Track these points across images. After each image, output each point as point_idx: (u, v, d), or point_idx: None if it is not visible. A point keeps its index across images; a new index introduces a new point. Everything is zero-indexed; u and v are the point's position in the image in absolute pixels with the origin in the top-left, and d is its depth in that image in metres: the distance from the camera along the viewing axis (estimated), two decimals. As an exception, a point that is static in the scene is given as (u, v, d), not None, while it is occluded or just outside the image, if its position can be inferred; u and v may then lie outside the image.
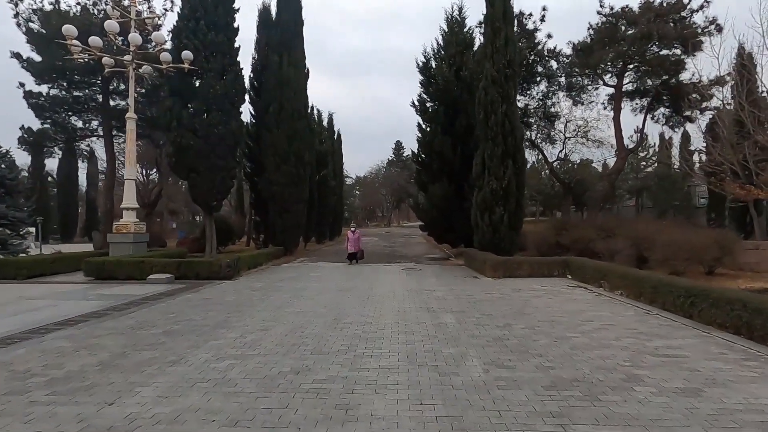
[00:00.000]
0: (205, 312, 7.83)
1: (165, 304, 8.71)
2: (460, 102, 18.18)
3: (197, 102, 17.36)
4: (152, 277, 11.91)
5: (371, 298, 9.18)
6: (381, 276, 12.99)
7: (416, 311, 7.77)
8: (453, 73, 18.29)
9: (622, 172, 26.96)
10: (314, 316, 7.43)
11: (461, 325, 6.65)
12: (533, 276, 12.27)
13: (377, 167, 70.25)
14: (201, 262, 12.61)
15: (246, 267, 14.15)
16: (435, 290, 10.18)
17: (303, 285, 11.16)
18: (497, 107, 14.01)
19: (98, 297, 9.53)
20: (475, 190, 14.92)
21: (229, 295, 9.65)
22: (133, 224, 15.48)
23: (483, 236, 14.29)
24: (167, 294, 9.96)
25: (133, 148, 16.25)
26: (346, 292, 9.93)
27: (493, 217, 13.98)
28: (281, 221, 19.27)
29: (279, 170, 18.92)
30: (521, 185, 14.43)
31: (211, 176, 17.51)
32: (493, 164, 14.00)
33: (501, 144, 13.94)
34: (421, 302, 8.64)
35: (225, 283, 11.62)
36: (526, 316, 7.28)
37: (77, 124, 21.75)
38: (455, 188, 18.21)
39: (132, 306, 8.51)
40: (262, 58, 21.65)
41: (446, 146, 17.94)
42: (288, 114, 19.21)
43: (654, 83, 21.86)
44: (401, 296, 9.37)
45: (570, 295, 9.33)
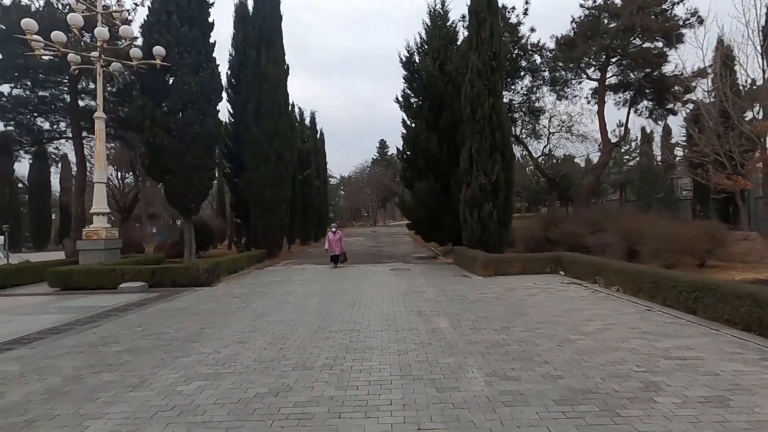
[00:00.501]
0: (177, 323, 7.18)
1: (134, 315, 8.02)
2: (445, 97, 17.76)
3: (171, 100, 16.49)
4: (124, 285, 11.13)
5: (358, 302, 8.65)
6: (368, 277, 12.47)
7: (407, 315, 7.27)
8: (437, 67, 17.87)
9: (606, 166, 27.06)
10: (297, 324, 6.86)
11: (456, 330, 6.18)
12: (525, 273, 11.91)
13: (362, 167, 69.66)
14: (177, 268, 11.88)
15: (226, 272, 13.45)
16: (425, 291, 9.70)
17: (286, 290, 10.55)
18: (484, 100, 13.62)
19: (61, 310, 8.77)
20: (462, 187, 14.52)
21: (206, 303, 9.00)
22: (104, 230, 14.61)
23: (472, 233, 13.89)
24: (138, 304, 9.24)
25: (103, 149, 15.35)
26: (332, 297, 9.37)
27: (482, 214, 13.59)
28: (263, 223, 18.56)
29: (259, 170, 18.21)
30: (510, 180, 14.08)
31: (187, 177, 16.66)
32: (481, 159, 13.61)
33: (489, 138, 13.55)
34: (412, 305, 8.15)
35: (203, 290, 10.93)
36: (523, 317, 6.85)
37: (44, 126, 20.58)
38: (442, 185, 17.80)
39: (97, 319, 7.79)
40: (239, 55, 20.86)
41: (432, 142, 17.51)
42: (268, 111, 18.51)
43: (637, 76, 21.88)
44: (390, 299, 8.87)
45: (566, 293, 8.97)
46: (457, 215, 17.32)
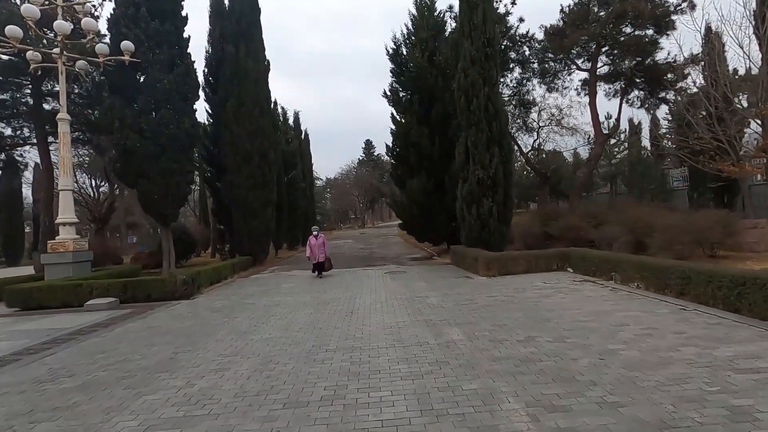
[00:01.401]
0: (147, 347, 6.15)
1: (98, 339, 6.94)
2: (435, 89, 16.95)
3: (143, 99, 15.30)
4: (91, 303, 9.98)
5: (356, 312, 7.72)
6: (363, 282, 11.54)
7: (413, 326, 6.37)
8: (426, 58, 17.05)
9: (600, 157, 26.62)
10: (288, 343, 5.90)
11: (474, 343, 5.31)
12: (530, 272, 11.15)
13: (348, 168, 68.60)
14: (152, 280, 10.77)
15: (207, 282, 12.36)
16: (428, 296, 8.82)
17: (273, 300, 9.55)
18: (479, 90, 12.83)
19: (11, 335, 7.62)
20: (459, 182, 13.70)
21: (182, 320, 7.95)
22: (72, 241, 13.37)
23: (470, 231, 13.08)
24: (105, 324, 8.14)
25: (68, 154, 14.08)
26: (325, 307, 8.42)
27: (481, 210, 12.80)
28: (247, 228, 17.47)
29: (241, 171, 17.12)
30: (509, 174, 13.32)
31: (163, 182, 15.49)
32: (477, 152, 12.81)
33: (485, 129, 12.77)
34: (416, 313, 7.26)
35: (180, 304, 9.85)
36: (546, 324, 6.02)
37: (5, 132, 19.10)
38: (435, 182, 16.98)
39: (53, 345, 6.70)
40: (216, 52, 19.71)
41: (423, 137, 16.68)
42: (248, 109, 17.44)
43: (629, 65, 21.42)
44: (391, 307, 7.96)
45: (582, 292, 8.19)
46: (452, 213, 16.54)
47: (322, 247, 13.18)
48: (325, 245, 13.29)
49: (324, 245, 13.25)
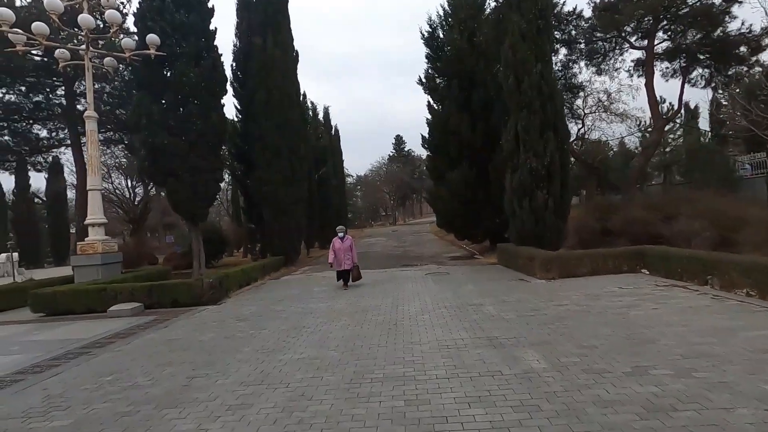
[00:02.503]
0: (161, 367, 5.25)
1: (111, 354, 6.14)
2: (476, 73, 15.54)
3: (170, 94, 14.81)
4: (114, 309, 9.36)
5: (400, 324, 6.58)
6: (402, 286, 10.39)
7: (475, 346, 5.16)
8: (466, 40, 15.64)
9: (659, 144, 24.24)
10: (323, 367, 4.83)
11: (564, 376, 4.05)
12: (597, 273, 9.64)
13: (378, 164, 67.57)
14: (178, 285, 10.06)
15: (236, 285, 11.59)
16: (482, 304, 7.56)
17: (306, 307, 8.56)
18: (531, 67, 11.36)
19: (25, 347, 6.98)
20: (507, 173, 12.29)
21: (205, 332, 7.07)
22: (101, 243, 12.96)
23: (522, 227, 11.65)
24: (124, 334, 7.40)
25: (96, 152, 13.69)
26: (363, 316, 7.33)
27: (534, 203, 11.35)
28: (278, 226, 16.70)
29: (270, 167, 16.35)
30: (566, 162, 11.80)
31: (192, 180, 14.96)
32: (529, 138, 11.36)
33: (539, 112, 11.29)
34: (474, 327, 6.03)
35: (206, 311, 9.05)
36: (650, 347, 4.66)
37: (41, 134, 19.25)
38: (477, 173, 15.59)
39: (63, 362, 5.95)
40: (244, 45, 19.06)
41: (464, 124, 15.31)
42: (277, 101, 16.63)
43: (693, 40, 19.11)
44: (441, 317, 6.77)
45: (678, 301, 6.69)
46: (496, 207, 15.12)
47: (349, 251, 10.71)
48: (352, 249, 10.79)
49: (351, 249, 10.76)
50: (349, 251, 10.76)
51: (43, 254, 37.17)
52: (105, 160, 28.00)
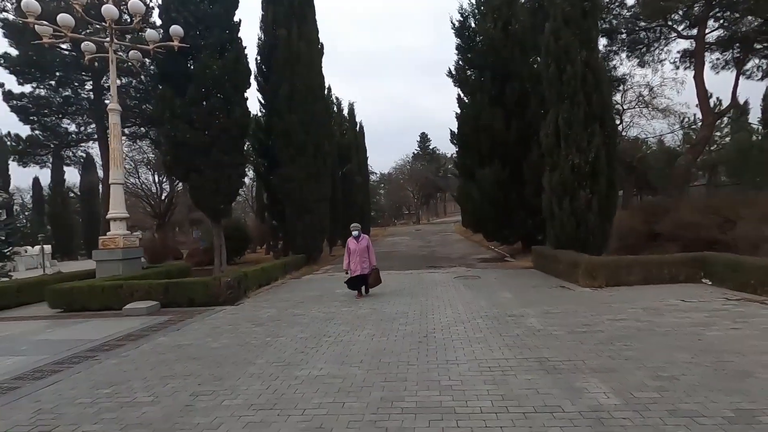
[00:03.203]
0: (164, 380, 4.70)
1: (116, 361, 5.65)
2: (510, 64, 14.58)
3: (193, 88, 14.49)
4: (129, 307, 8.99)
5: (431, 336, 5.84)
6: (431, 290, 9.63)
7: (523, 370, 4.37)
8: (500, 28, 14.69)
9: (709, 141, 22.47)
10: (345, 390, 4.15)
11: (645, 418, 3.22)
12: (650, 282, 8.63)
13: (402, 162, 66.70)
14: (195, 283, 9.62)
15: (255, 285, 11.11)
16: (524, 315, 6.73)
17: (327, 312, 7.93)
18: (575, 55, 10.37)
19: (33, 347, 6.61)
20: (545, 170, 11.33)
21: (218, 337, 6.53)
22: (122, 238, 12.75)
23: (561, 229, 10.69)
24: (135, 336, 6.95)
25: (119, 146, 13.50)
26: (390, 325, 6.63)
27: (577, 204, 10.37)
28: (301, 224, 16.21)
29: (294, 163, 15.86)
30: (613, 158, 10.73)
31: (214, 175, 14.65)
32: (572, 132, 10.38)
33: (583, 104, 10.30)
34: (519, 344, 5.23)
35: (223, 312, 8.55)
36: (749, 381, 3.76)
37: (69, 128, 19.43)
38: (510, 171, 14.64)
39: (66, 367, 5.50)
40: (269, 39, 18.60)
41: (497, 119, 14.39)
42: (301, 96, 16.12)
43: (749, 27, 17.50)
44: (477, 329, 5.98)
45: (761, 320, 5.68)
46: (530, 207, 14.16)
47: (365, 253, 9.15)
48: (369, 251, 9.22)
49: (368, 251, 9.20)
50: (366, 253, 9.14)
51: (76, 247, 38.25)
52: (133, 156, 28.37)
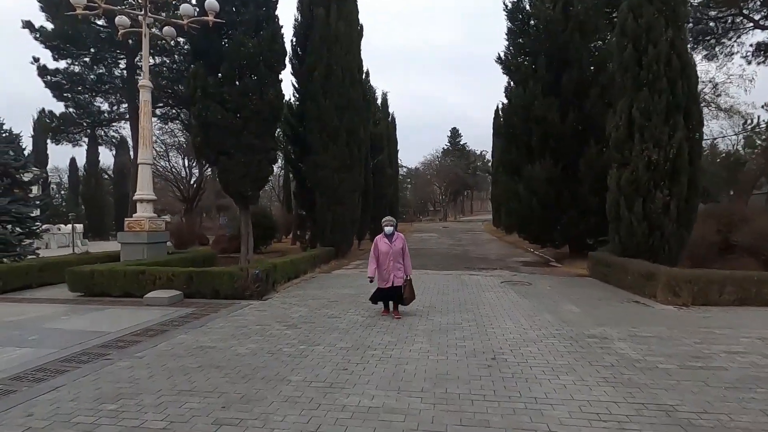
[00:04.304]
0: (180, 399, 3.83)
1: (127, 363, 4.85)
2: (569, 49, 13.19)
3: (226, 66, 13.75)
4: (151, 296, 8.30)
5: (501, 358, 4.78)
6: (479, 296, 8.55)
7: (650, 426, 3.26)
8: (559, 9, 13.30)
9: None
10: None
11: None
12: (748, 304, 7.30)
13: (432, 157, 65.10)
14: (220, 273, 8.85)
15: (284, 278, 10.29)
16: (607, 337, 5.57)
17: (366, 316, 6.98)
18: (658, 35, 9.00)
19: (41, 338, 5.92)
20: (612, 167, 10.01)
21: (244, 340, 5.66)
22: (148, 220, 12.18)
23: (630, 235, 9.40)
24: (153, 332, 6.18)
25: (148, 124, 12.94)
26: (445, 338, 5.60)
27: (651, 206, 9.05)
28: (331, 215, 15.33)
29: (327, 150, 14.97)
30: (697, 156, 9.34)
31: (244, 159, 13.88)
32: (650, 124, 9.03)
33: (666, 91, 8.93)
34: (621, 380, 4.11)
35: (249, 308, 7.73)
36: None
37: (102, 107, 19.17)
38: (563, 168, 13.31)
39: (73, 365, 4.75)
40: (306, 20, 17.75)
41: (552, 110, 13.06)
42: (338, 79, 15.18)
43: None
44: (558, 355, 4.88)
45: None
46: (584, 209, 12.84)
47: (400, 257, 6.80)
48: (405, 255, 6.87)
49: (403, 253, 6.84)
50: (401, 257, 6.78)
51: (108, 227, 38.85)
52: (164, 139, 28.22)
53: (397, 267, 6.76)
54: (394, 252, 6.78)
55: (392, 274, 6.71)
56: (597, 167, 12.41)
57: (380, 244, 6.92)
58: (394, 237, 6.93)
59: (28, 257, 13.49)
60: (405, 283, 6.77)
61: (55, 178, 48.72)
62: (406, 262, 6.89)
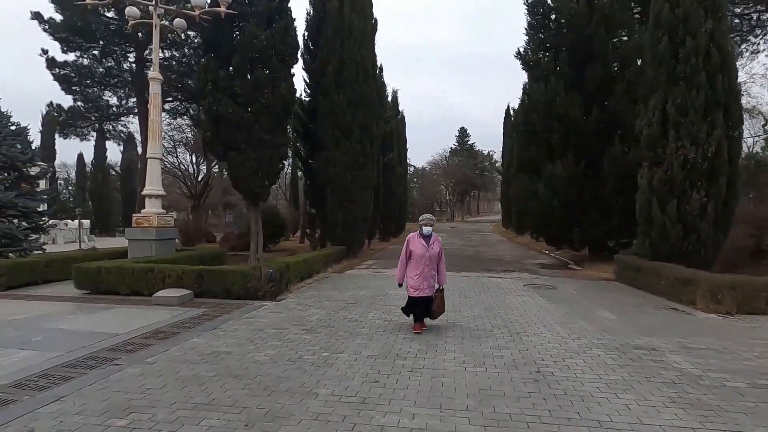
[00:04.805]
0: (197, 414, 3.43)
1: (137, 370, 4.46)
2: (594, 43, 12.69)
3: (238, 58, 13.38)
4: (160, 295, 7.93)
5: (546, 372, 4.34)
6: (503, 300, 8.10)
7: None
8: (584, 3, 12.80)
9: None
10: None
11: None
12: (795, 313, 6.80)
13: (439, 157, 64.58)
14: (232, 272, 8.47)
15: (297, 277, 9.89)
16: (656, 348, 5.11)
17: (388, 319, 6.56)
18: (696, 26, 8.51)
19: (48, 338, 5.54)
20: (643, 167, 9.52)
21: (262, 346, 5.26)
22: (157, 216, 11.83)
23: (663, 238, 8.91)
24: (163, 334, 5.80)
25: (158, 118, 12.57)
26: (478, 346, 5.17)
27: (687, 208, 8.56)
28: (343, 213, 14.92)
29: (339, 146, 14.56)
30: (736, 156, 8.83)
31: (255, 155, 13.52)
32: (687, 120, 8.54)
33: (704, 86, 8.43)
34: (687, 399, 3.66)
35: (264, 309, 7.34)
36: None
37: (111, 101, 18.87)
38: (585, 167, 12.82)
39: (78, 371, 4.37)
40: (317, 13, 17.36)
41: (575, 107, 12.58)
42: (351, 74, 14.77)
43: None
44: (609, 369, 4.43)
45: None
46: (606, 209, 12.36)
47: (435, 262, 5.90)
48: (440, 259, 5.99)
49: (439, 258, 5.96)
50: (437, 262, 5.90)
51: (114, 223, 38.67)
52: (172, 135, 27.96)
53: (431, 274, 5.83)
54: (430, 256, 5.81)
55: (426, 282, 5.76)
56: (622, 166, 11.94)
57: (415, 245, 5.86)
58: (432, 239, 5.90)
59: (34, 252, 13.22)
60: (437, 293, 5.87)
61: (63, 174, 48.73)
62: (441, 268, 5.99)
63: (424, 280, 5.74)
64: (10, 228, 12.96)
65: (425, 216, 6.13)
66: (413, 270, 5.80)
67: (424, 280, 5.75)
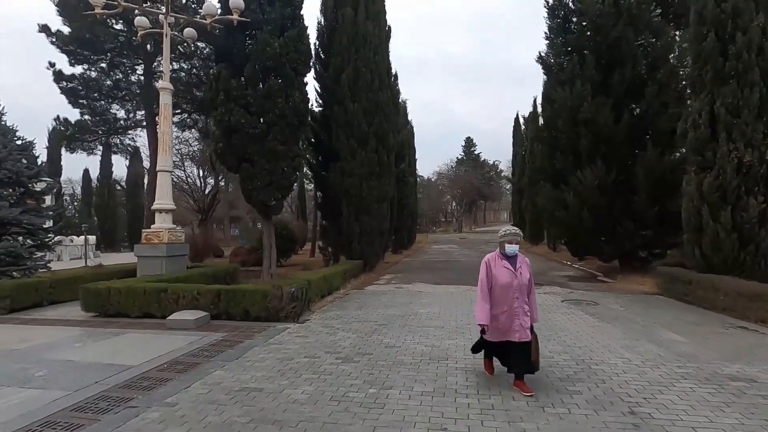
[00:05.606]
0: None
1: (156, 415, 3.80)
2: (621, 45, 12.16)
3: (250, 67, 12.94)
4: (174, 318, 7.28)
5: (641, 413, 3.65)
6: (547, 318, 7.38)
7: None
8: (610, 3, 12.31)
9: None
10: None
11: None
12: None
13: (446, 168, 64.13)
14: (252, 292, 7.82)
15: (318, 295, 9.24)
16: (754, 379, 4.41)
17: (430, 344, 5.88)
18: (747, 20, 7.95)
19: (51, 373, 4.89)
20: (690, 172, 8.87)
21: (297, 379, 4.60)
22: (167, 231, 11.26)
23: (715, 248, 8.22)
24: (182, 366, 5.14)
25: (168, 129, 12.11)
26: (545, 378, 4.48)
27: (742, 216, 7.89)
28: (359, 226, 14.32)
29: (355, 157, 14.03)
30: (795, 158, 8.17)
31: (268, 167, 12.98)
32: (740, 121, 7.92)
33: (758, 84, 7.84)
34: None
35: (287, 333, 6.68)
36: None
37: (118, 114, 18.51)
38: (616, 175, 12.19)
39: (87, 418, 3.71)
40: (329, 21, 17.03)
41: (603, 111, 11.99)
42: (367, 81, 14.32)
43: None
44: (716, 410, 3.74)
45: None
46: (640, 218, 11.69)
47: (526, 290, 4.22)
48: (531, 287, 4.28)
49: (530, 285, 4.26)
50: (527, 291, 4.24)
51: (120, 239, 38.25)
52: (180, 149, 27.61)
53: (524, 310, 4.13)
54: (519, 285, 4.15)
55: (515, 320, 4.10)
56: (657, 173, 11.30)
57: (497, 270, 4.19)
58: (518, 260, 4.23)
59: (39, 271, 12.63)
60: (532, 337, 4.16)
61: (68, 190, 48.51)
62: (532, 300, 4.31)
63: (514, 318, 4.10)
64: (14, 246, 12.37)
65: (508, 230, 4.34)
66: (497, 306, 4.17)
67: (515, 319, 4.10)
